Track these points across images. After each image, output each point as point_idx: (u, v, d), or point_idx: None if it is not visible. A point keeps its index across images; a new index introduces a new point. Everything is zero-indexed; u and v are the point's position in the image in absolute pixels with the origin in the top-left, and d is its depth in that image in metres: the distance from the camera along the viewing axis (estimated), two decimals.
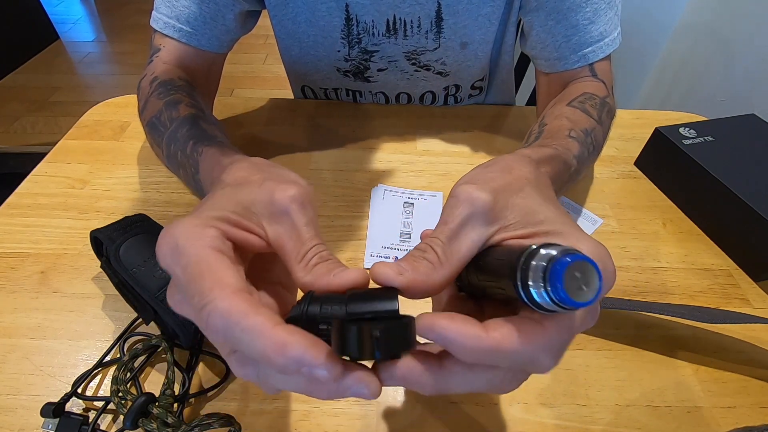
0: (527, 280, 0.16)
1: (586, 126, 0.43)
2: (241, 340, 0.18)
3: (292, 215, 0.22)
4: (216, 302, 0.18)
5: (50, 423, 0.31)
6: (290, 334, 0.17)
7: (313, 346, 0.17)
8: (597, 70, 0.51)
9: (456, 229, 0.22)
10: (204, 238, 0.20)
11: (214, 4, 0.49)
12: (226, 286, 0.18)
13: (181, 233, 0.20)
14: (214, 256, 0.19)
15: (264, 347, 0.17)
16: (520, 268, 0.17)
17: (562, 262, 0.16)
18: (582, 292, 0.16)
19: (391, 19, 0.55)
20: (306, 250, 0.22)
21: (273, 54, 2.37)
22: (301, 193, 0.23)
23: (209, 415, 0.31)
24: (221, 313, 0.18)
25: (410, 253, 0.22)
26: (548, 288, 0.16)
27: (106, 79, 2.24)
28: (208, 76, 0.55)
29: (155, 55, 0.50)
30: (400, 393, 0.35)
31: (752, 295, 0.43)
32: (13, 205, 0.49)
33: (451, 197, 0.23)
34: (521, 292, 0.17)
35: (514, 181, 0.24)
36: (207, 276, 0.19)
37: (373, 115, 0.65)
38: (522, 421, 0.34)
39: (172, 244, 0.20)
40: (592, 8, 0.48)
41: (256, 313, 0.18)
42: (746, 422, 0.34)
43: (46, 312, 0.40)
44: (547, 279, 0.16)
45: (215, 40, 0.52)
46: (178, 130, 0.41)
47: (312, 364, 0.17)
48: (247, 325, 0.17)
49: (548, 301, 0.16)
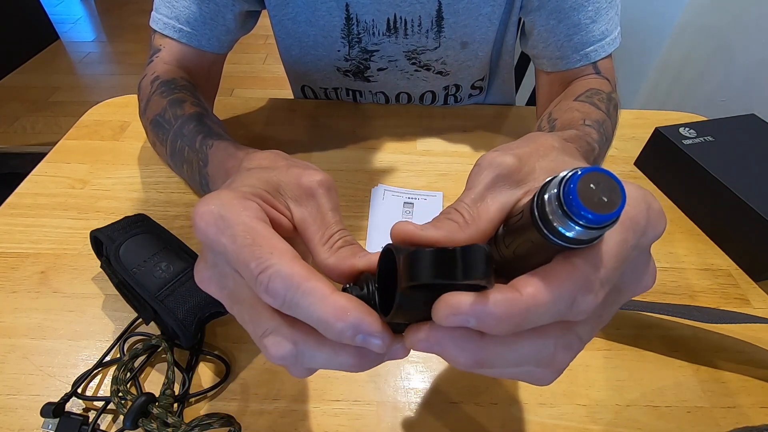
0: (547, 216, 0.15)
1: (597, 117, 0.43)
2: (299, 304, 0.18)
3: (319, 198, 0.22)
4: (277, 266, 0.18)
5: (50, 423, 0.31)
6: (350, 300, 0.18)
7: (370, 314, 0.18)
8: (600, 68, 0.51)
9: (482, 192, 0.21)
10: (249, 209, 0.20)
11: (214, 5, 0.49)
12: (284, 252, 0.19)
13: (223, 204, 0.20)
14: (262, 226, 0.20)
15: (324, 311, 0.17)
16: (537, 206, 0.15)
17: (572, 178, 0.14)
18: (604, 204, 0.14)
19: (391, 18, 0.55)
20: (331, 233, 0.22)
21: (273, 54, 2.37)
22: (327, 179, 0.23)
23: (209, 415, 0.31)
24: (284, 276, 0.18)
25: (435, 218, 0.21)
26: (566, 210, 0.14)
27: (106, 79, 2.24)
28: (208, 76, 0.54)
29: (155, 56, 0.50)
30: (400, 393, 0.35)
31: (752, 295, 0.43)
32: (13, 205, 0.49)
33: (475, 166, 0.22)
34: (544, 232, 0.15)
35: (540, 148, 0.23)
36: (263, 242, 0.19)
37: (373, 115, 0.65)
38: (522, 421, 0.34)
39: (216, 215, 0.20)
40: (593, 7, 0.48)
41: (317, 278, 0.18)
42: (746, 422, 0.34)
43: (46, 312, 0.40)
44: (563, 201, 0.14)
45: (215, 40, 0.52)
46: (185, 126, 0.41)
47: (369, 331, 0.17)
48: (308, 288, 0.17)
49: (572, 226, 0.14)
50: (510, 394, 0.35)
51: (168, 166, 0.48)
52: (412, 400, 0.35)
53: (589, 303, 0.17)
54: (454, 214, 0.21)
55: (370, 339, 0.17)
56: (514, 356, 0.18)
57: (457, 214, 0.20)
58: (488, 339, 0.18)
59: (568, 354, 0.19)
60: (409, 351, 0.19)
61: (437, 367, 0.37)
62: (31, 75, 2.22)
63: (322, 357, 0.19)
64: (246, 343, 0.38)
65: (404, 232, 0.19)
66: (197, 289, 0.35)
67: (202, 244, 0.21)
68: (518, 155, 0.22)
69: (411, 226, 0.19)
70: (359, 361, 0.19)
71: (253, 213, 0.20)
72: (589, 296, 0.17)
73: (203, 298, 0.35)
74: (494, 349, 0.18)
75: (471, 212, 0.20)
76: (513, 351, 0.18)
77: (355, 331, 0.17)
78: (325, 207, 0.22)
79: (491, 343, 0.18)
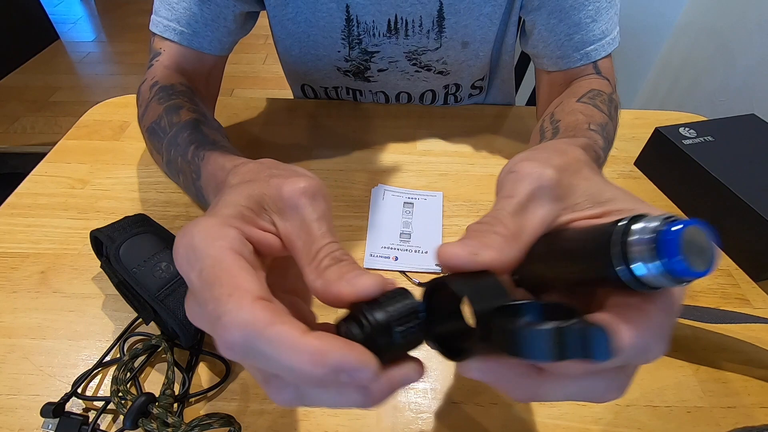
0: (628, 256, 0.15)
1: (600, 121, 0.43)
2: (265, 356, 0.15)
3: (301, 210, 0.20)
4: (233, 312, 0.16)
5: (50, 423, 0.31)
6: (324, 339, 0.15)
7: (348, 347, 0.15)
8: (600, 68, 0.51)
9: (523, 203, 0.20)
10: (223, 238, 0.18)
11: (214, 6, 0.49)
12: (245, 292, 0.16)
13: (198, 233, 0.18)
14: (232, 258, 0.17)
15: (295, 360, 0.15)
16: (618, 243, 0.15)
17: (673, 230, 0.14)
18: (699, 260, 0.14)
19: (392, 19, 0.55)
20: (317, 249, 0.19)
21: (273, 54, 2.37)
22: (312, 185, 0.21)
23: (209, 415, 0.31)
24: (240, 324, 0.15)
25: (474, 228, 0.20)
26: (662, 260, 0.14)
27: (106, 79, 2.24)
28: (209, 79, 0.54)
29: (155, 59, 0.50)
30: (401, 393, 0.35)
31: (752, 295, 0.43)
32: (13, 205, 0.49)
33: (511, 173, 0.21)
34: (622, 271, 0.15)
35: (572, 162, 0.22)
36: (224, 281, 0.16)
37: (373, 115, 0.65)
38: (522, 421, 0.34)
39: (189, 246, 0.18)
40: (594, 6, 0.48)
41: (282, 321, 0.15)
42: (746, 422, 0.34)
43: (46, 312, 0.40)
44: (661, 250, 0.14)
45: (216, 42, 0.51)
46: (179, 135, 0.40)
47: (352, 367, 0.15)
48: (272, 336, 0.15)
49: (660, 275, 0.14)
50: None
51: (165, 174, 0.47)
52: (412, 400, 0.35)
53: (660, 351, 0.17)
54: (499, 226, 0.19)
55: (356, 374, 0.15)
56: (566, 394, 0.18)
57: (501, 226, 0.19)
58: (546, 377, 0.17)
59: (618, 394, 0.18)
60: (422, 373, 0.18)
61: (437, 367, 0.37)
62: (31, 75, 2.22)
63: (329, 398, 0.17)
64: None
65: (457, 260, 0.18)
66: None
67: None
68: (557, 168, 0.21)
69: (459, 251, 0.18)
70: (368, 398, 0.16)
71: (227, 243, 0.18)
72: (662, 345, 0.17)
73: None
74: (549, 387, 0.17)
75: (514, 224, 0.19)
76: (565, 390, 0.18)
77: (337, 372, 0.15)
78: (310, 218, 0.20)
79: (548, 381, 0.17)
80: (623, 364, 0.17)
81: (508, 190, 0.20)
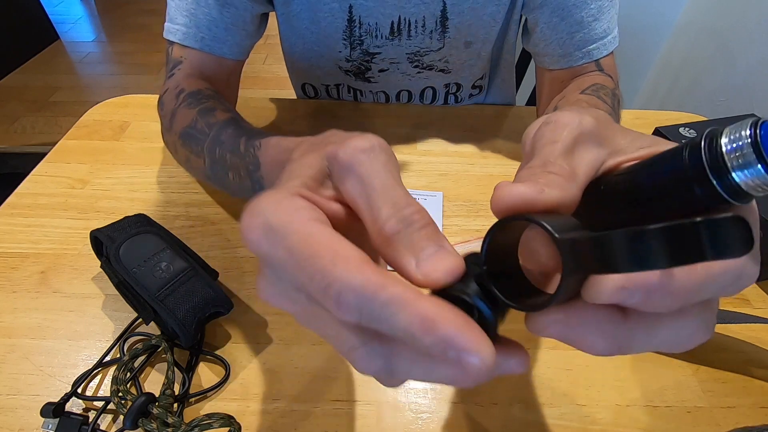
0: (728, 164, 0.13)
1: (604, 111, 0.43)
2: (380, 317, 0.15)
3: (358, 167, 0.18)
4: (344, 278, 0.15)
5: (50, 423, 0.31)
6: (439, 307, 0.14)
7: (465, 325, 0.14)
8: (603, 65, 0.51)
9: (570, 146, 0.18)
10: (300, 210, 0.17)
11: (234, 9, 0.49)
12: (350, 258, 0.15)
13: (272, 212, 0.17)
14: (320, 230, 0.16)
15: (410, 323, 0.14)
16: (713, 154, 0.14)
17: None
18: None
19: (395, 21, 0.55)
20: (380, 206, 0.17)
21: (273, 54, 2.38)
22: (370, 140, 0.19)
23: (209, 415, 0.31)
24: (354, 288, 0.15)
25: (523, 174, 0.18)
26: (763, 150, 0.13)
27: (106, 79, 2.24)
28: (228, 85, 0.54)
29: (176, 68, 0.49)
30: (400, 393, 0.35)
31: (752, 295, 0.43)
32: (13, 205, 0.49)
33: (548, 123, 0.20)
34: (724, 182, 0.14)
35: (602, 116, 0.21)
36: (324, 252, 0.15)
37: (373, 114, 0.65)
38: (522, 421, 0.34)
39: (266, 227, 0.17)
40: (596, 5, 0.48)
41: (394, 283, 0.15)
42: (746, 422, 0.34)
43: (46, 312, 0.40)
44: (765, 148, 0.13)
45: (236, 46, 0.51)
46: (222, 132, 0.39)
47: (463, 348, 0.14)
48: (387, 297, 0.14)
49: (759, 171, 0.13)
50: (510, 394, 0.35)
51: (206, 181, 0.45)
52: (412, 400, 0.35)
53: (755, 273, 0.15)
54: (553, 168, 0.18)
55: (466, 356, 0.14)
56: (654, 341, 0.16)
57: (555, 167, 0.18)
58: (632, 322, 0.16)
59: (707, 335, 0.17)
60: (527, 365, 0.16)
61: None
62: (31, 75, 2.22)
63: (419, 371, 0.16)
64: (246, 343, 0.38)
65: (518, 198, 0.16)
66: (197, 289, 0.36)
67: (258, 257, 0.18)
68: (594, 117, 0.20)
69: (523, 189, 0.16)
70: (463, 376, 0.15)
71: (306, 214, 0.17)
72: (755, 266, 0.15)
73: (203, 298, 0.35)
74: (636, 333, 0.16)
75: (568, 164, 0.18)
76: (654, 336, 0.16)
77: (446, 346, 0.14)
78: (369, 177, 0.18)
79: (635, 326, 0.16)
80: (720, 293, 0.16)
81: (550, 138, 0.19)
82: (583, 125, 0.19)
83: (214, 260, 0.41)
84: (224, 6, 0.48)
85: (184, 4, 0.48)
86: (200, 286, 0.36)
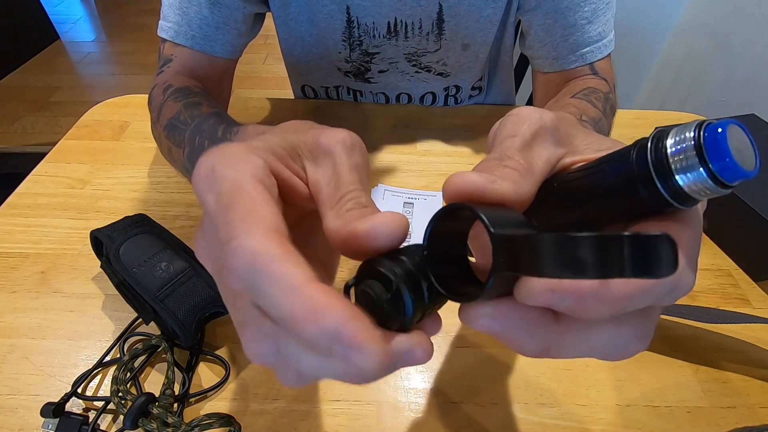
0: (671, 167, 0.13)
1: (593, 115, 0.43)
2: (265, 293, 0.14)
3: (336, 156, 0.18)
4: (243, 237, 0.14)
5: (50, 423, 0.31)
6: (330, 297, 0.13)
7: (355, 318, 0.13)
8: (598, 69, 0.51)
9: (528, 141, 0.18)
10: (247, 163, 0.16)
11: (225, 8, 0.49)
12: (259, 220, 0.15)
13: (221, 156, 0.17)
14: (252, 184, 0.16)
15: (292, 307, 0.13)
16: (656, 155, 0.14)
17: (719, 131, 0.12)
18: (746, 160, 0.13)
19: (392, 22, 0.55)
20: (342, 194, 0.17)
21: (273, 54, 2.37)
22: (351, 137, 0.19)
23: (209, 415, 0.31)
24: (247, 251, 0.14)
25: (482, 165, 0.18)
26: (712, 164, 0.13)
27: (106, 79, 2.24)
28: (220, 85, 0.54)
29: (166, 66, 0.49)
30: (401, 393, 0.35)
31: (752, 295, 0.43)
32: (13, 205, 0.49)
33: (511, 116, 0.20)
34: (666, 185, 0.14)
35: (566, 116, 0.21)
36: (240, 206, 0.15)
37: (373, 115, 0.65)
38: (522, 421, 0.34)
39: (209, 168, 0.16)
40: (590, 8, 0.48)
41: (290, 261, 0.14)
42: (746, 422, 0.34)
43: (46, 312, 0.40)
44: (710, 153, 0.12)
45: (228, 45, 0.51)
46: (204, 122, 0.40)
47: (349, 343, 0.13)
48: (275, 273, 0.13)
49: (707, 182, 0.13)
50: (510, 394, 0.35)
51: (184, 173, 0.46)
52: (412, 400, 0.35)
53: (691, 283, 0.15)
54: (509, 161, 0.18)
55: (353, 353, 0.13)
56: (585, 347, 0.16)
57: (511, 161, 0.17)
58: (564, 325, 0.15)
59: (643, 345, 0.16)
60: (431, 355, 0.15)
61: (437, 367, 0.37)
62: (31, 75, 2.22)
63: (311, 362, 0.14)
64: None
65: (470, 186, 0.16)
66: (197, 289, 0.36)
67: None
68: (556, 116, 0.20)
69: (475, 178, 0.16)
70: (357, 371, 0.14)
71: (251, 168, 0.16)
72: (692, 275, 0.15)
73: (203, 298, 0.35)
74: (566, 338, 0.16)
75: (524, 159, 0.18)
76: (586, 342, 0.16)
77: (332, 340, 0.13)
78: (342, 165, 0.18)
79: (566, 330, 0.15)
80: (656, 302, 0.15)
81: (510, 131, 0.19)
82: (543, 120, 0.19)
83: None
84: (215, 5, 0.48)
85: (176, 2, 0.48)
86: (200, 286, 0.36)
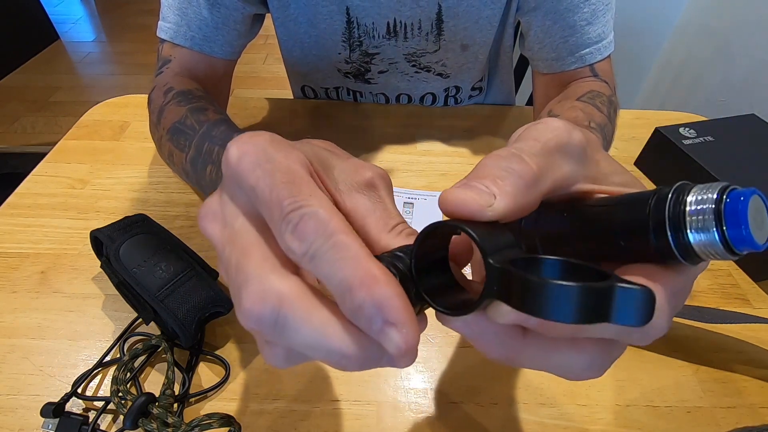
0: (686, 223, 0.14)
1: (600, 121, 0.43)
2: (325, 257, 0.14)
3: (380, 190, 0.20)
4: (315, 208, 0.15)
5: (50, 423, 0.31)
6: (385, 272, 0.14)
7: (403, 299, 0.14)
8: (598, 70, 0.51)
9: (550, 150, 0.18)
10: (298, 154, 0.17)
11: (224, 9, 0.49)
12: (326, 199, 0.16)
13: (272, 142, 0.17)
14: (305, 172, 0.17)
15: (352, 273, 0.14)
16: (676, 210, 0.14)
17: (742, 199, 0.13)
18: (759, 232, 0.13)
19: (391, 22, 0.55)
20: (395, 223, 0.19)
21: (273, 54, 2.37)
22: (387, 175, 0.21)
23: (209, 415, 0.31)
24: (321, 219, 0.15)
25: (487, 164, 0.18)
26: (727, 229, 0.13)
27: (106, 79, 2.24)
28: (219, 86, 0.54)
29: (165, 66, 0.49)
30: (401, 393, 0.35)
31: (752, 295, 0.43)
32: (13, 205, 0.49)
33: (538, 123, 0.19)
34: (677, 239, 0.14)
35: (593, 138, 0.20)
36: (304, 185, 0.16)
37: (373, 115, 0.65)
38: (522, 421, 0.34)
39: (261, 147, 0.17)
40: (590, 9, 0.48)
41: (357, 238, 0.15)
42: (746, 422, 0.34)
43: (46, 312, 0.40)
44: (728, 219, 0.13)
45: (227, 46, 0.51)
46: (214, 129, 0.40)
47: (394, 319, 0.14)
48: (343, 241, 0.14)
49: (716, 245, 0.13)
50: (510, 394, 0.35)
51: (182, 176, 0.46)
52: (412, 400, 0.35)
53: (661, 330, 0.16)
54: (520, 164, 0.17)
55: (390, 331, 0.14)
56: (544, 364, 0.17)
57: (523, 164, 0.17)
58: (529, 340, 0.16)
59: (597, 373, 0.17)
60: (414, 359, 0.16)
61: (437, 367, 0.37)
62: (31, 75, 2.22)
63: (308, 332, 0.15)
64: (246, 343, 0.38)
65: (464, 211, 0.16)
66: (197, 289, 0.36)
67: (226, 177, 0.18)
68: (585, 135, 0.19)
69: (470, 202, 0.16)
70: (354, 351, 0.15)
71: (300, 160, 0.17)
72: (664, 324, 0.16)
73: (203, 298, 0.35)
74: (530, 351, 0.16)
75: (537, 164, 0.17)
76: (547, 359, 0.17)
77: (377, 310, 0.14)
78: (387, 198, 0.20)
79: (531, 345, 0.16)
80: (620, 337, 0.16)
81: (534, 135, 0.18)
82: (572, 137, 0.18)
83: (214, 260, 0.41)
84: (214, 6, 0.48)
85: (175, 3, 0.48)
86: (200, 286, 0.36)
